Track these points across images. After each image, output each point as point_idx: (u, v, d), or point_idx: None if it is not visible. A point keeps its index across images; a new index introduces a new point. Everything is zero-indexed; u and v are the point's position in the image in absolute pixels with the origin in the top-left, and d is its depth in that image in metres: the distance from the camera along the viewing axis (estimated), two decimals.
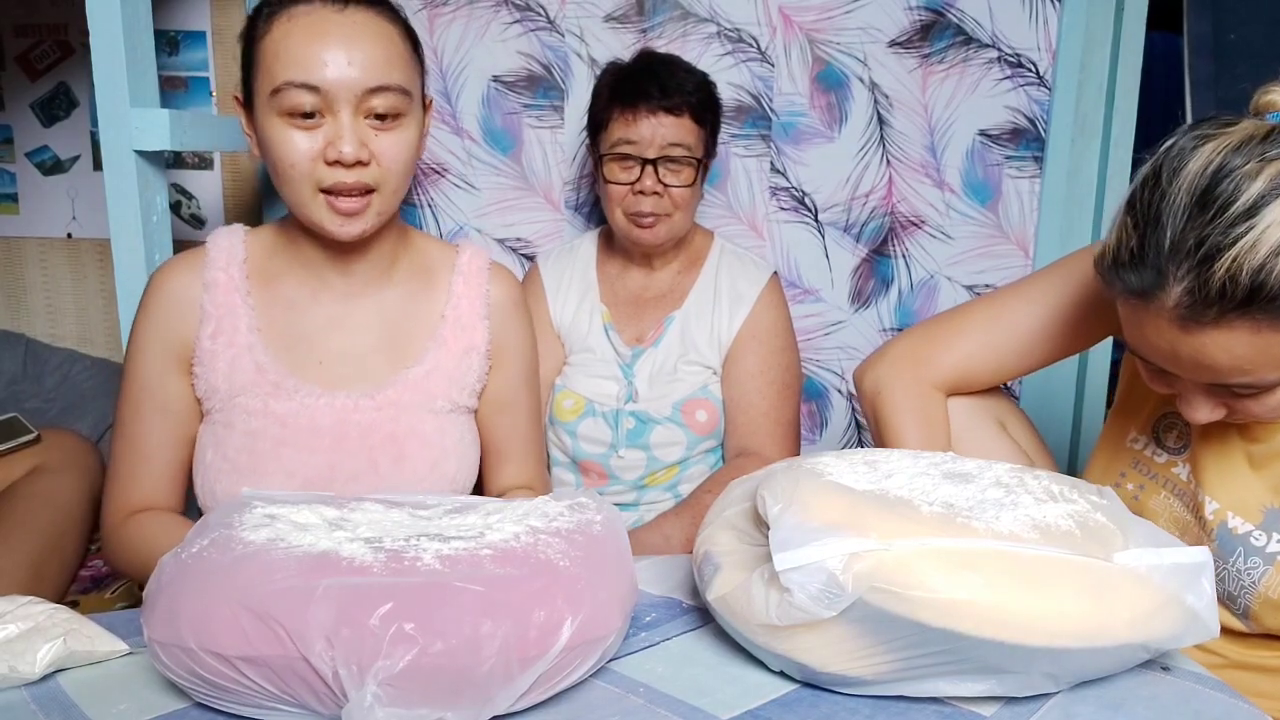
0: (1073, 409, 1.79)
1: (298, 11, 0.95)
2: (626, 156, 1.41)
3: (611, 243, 1.55)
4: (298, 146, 0.94)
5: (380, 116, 0.96)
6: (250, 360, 1.02)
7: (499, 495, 1.16)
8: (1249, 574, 0.90)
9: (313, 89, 0.93)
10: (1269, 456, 0.91)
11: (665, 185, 1.41)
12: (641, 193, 1.41)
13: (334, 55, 0.93)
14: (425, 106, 1.05)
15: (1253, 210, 0.74)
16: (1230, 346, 0.78)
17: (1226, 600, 0.92)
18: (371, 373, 1.06)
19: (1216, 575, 0.88)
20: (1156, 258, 0.78)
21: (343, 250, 1.04)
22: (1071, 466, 1.72)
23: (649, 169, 1.40)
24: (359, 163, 0.95)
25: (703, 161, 1.45)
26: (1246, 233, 0.74)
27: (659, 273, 1.53)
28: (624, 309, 1.53)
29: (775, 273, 1.53)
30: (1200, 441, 0.95)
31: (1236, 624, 0.93)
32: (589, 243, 1.59)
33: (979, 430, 1.10)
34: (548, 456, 1.54)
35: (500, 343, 1.13)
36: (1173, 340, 0.81)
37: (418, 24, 1.64)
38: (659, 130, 1.39)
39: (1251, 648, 0.95)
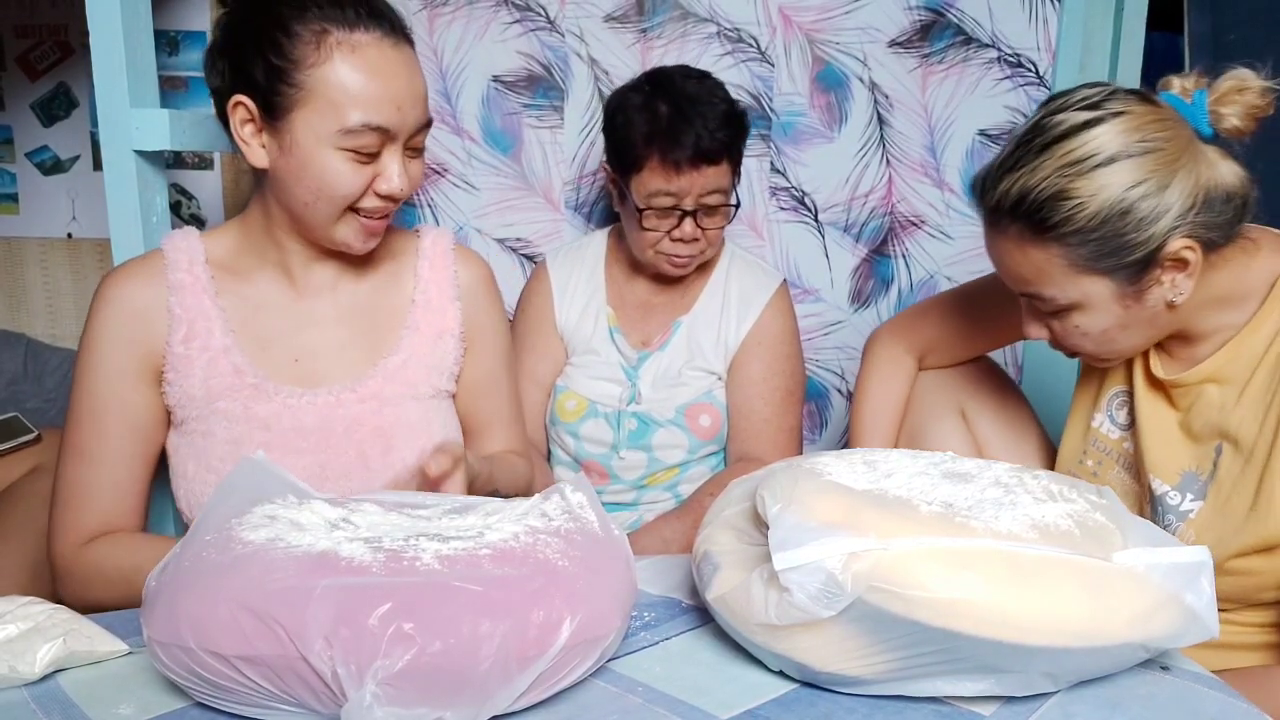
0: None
1: (357, 42, 0.93)
2: (667, 209, 1.38)
3: (621, 244, 1.54)
4: (352, 181, 0.95)
5: (416, 147, 1.00)
6: (227, 363, 1.00)
7: None
8: (1167, 531, 0.97)
9: (385, 131, 0.94)
10: (1190, 428, 0.99)
11: (702, 229, 1.39)
12: (681, 240, 1.39)
13: (404, 98, 0.95)
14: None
15: (1052, 143, 0.89)
16: (1011, 253, 0.94)
17: None
18: (349, 366, 1.05)
19: None
20: (985, 179, 0.95)
21: (324, 251, 1.04)
22: None
23: (688, 218, 1.38)
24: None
25: (735, 194, 1.43)
26: (1036, 157, 0.89)
27: (669, 279, 1.52)
28: (631, 312, 1.53)
29: (784, 280, 1.53)
30: (1141, 416, 1.03)
31: None
32: (598, 243, 1.58)
33: (938, 423, 1.23)
34: (549, 454, 1.54)
35: (473, 324, 1.12)
36: (988, 245, 0.98)
37: (418, 24, 1.65)
38: (698, 181, 1.36)
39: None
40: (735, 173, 1.42)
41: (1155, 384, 1.02)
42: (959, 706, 0.69)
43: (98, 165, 1.55)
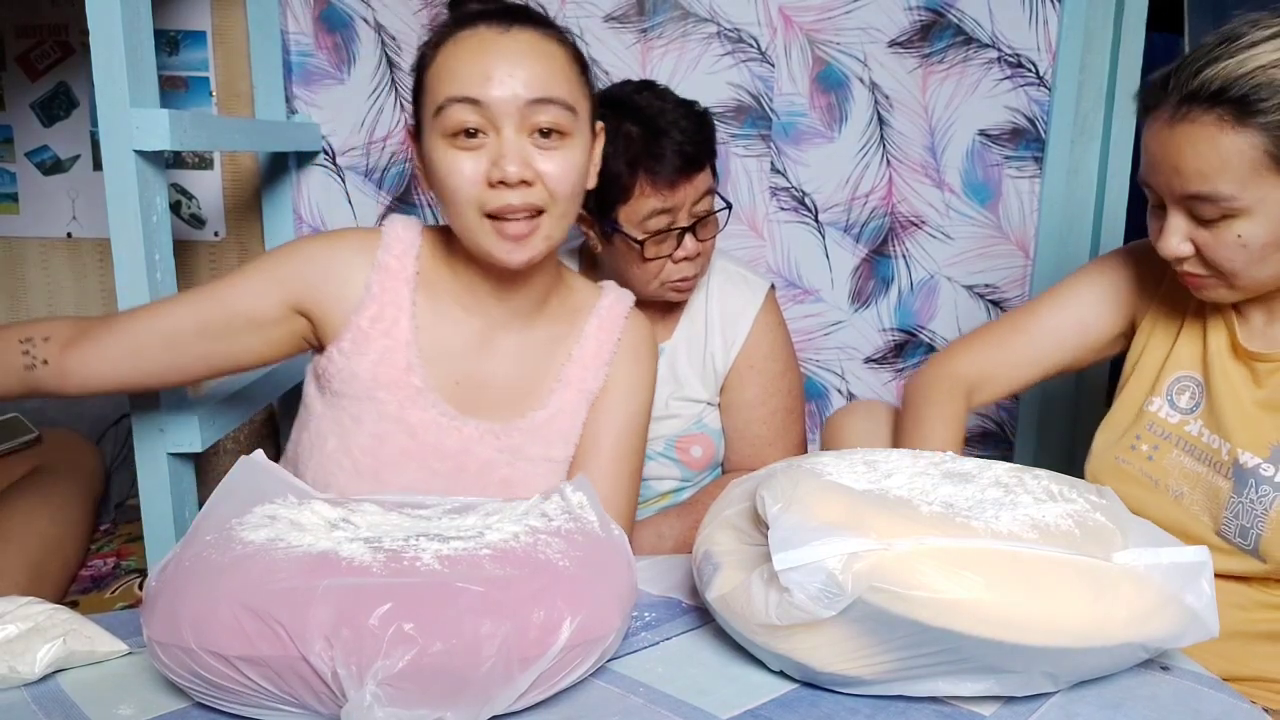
0: (1072, 409, 1.79)
1: (463, 35, 0.94)
2: (666, 229, 1.29)
3: (593, 272, 1.42)
4: (461, 170, 0.92)
5: (544, 133, 0.93)
6: (403, 358, 0.99)
7: None
8: (1260, 502, 0.98)
9: (474, 102, 0.91)
10: (1275, 403, 1.00)
11: (701, 241, 1.32)
12: (686, 259, 1.31)
13: (497, 71, 0.91)
14: (595, 133, 1.02)
15: (1255, 43, 0.89)
16: (1198, 143, 0.91)
17: (1239, 537, 0.99)
18: (501, 407, 1.03)
19: (1230, 511, 1.00)
20: (1173, 74, 0.94)
21: (502, 280, 1.01)
22: (1071, 464, 1.72)
23: (687, 235, 1.30)
24: (523, 183, 0.92)
25: (722, 196, 1.37)
26: (1240, 53, 0.90)
27: (646, 304, 1.41)
28: None
29: (771, 286, 1.46)
30: (1216, 394, 1.04)
31: (1253, 566, 0.99)
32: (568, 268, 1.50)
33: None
34: None
35: (612, 383, 1.08)
36: (1162, 143, 0.95)
37: (417, 24, 1.65)
38: (689, 192, 1.28)
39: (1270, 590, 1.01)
40: (714, 174, 1.36)
41: (1237, 359, 1.04)
42: (959, 706, 0.69)
43: (98, 165, 1.55)
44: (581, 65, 1.00)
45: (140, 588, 1.33)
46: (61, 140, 1.79)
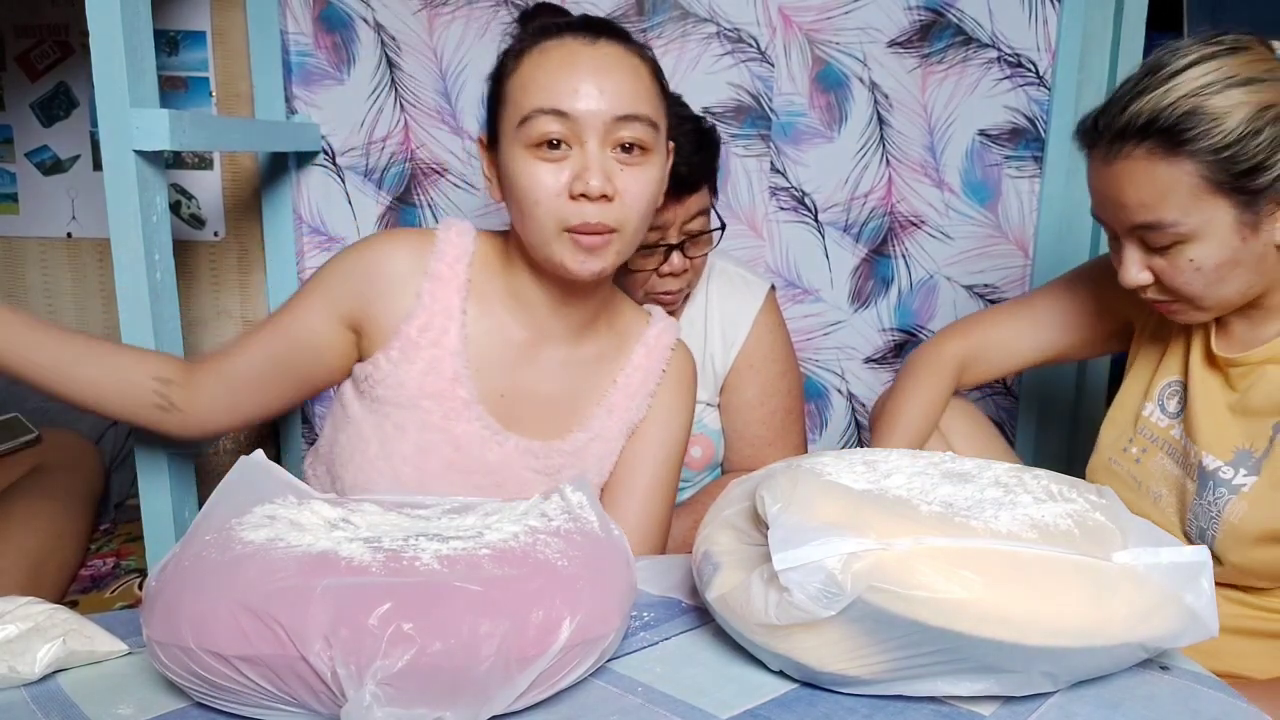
0: (1072, 409, 1.79)
1: (549, 45, 0.94)
2: (654, 245, 1.28)
3: None
4: (543, 181, 0.91)
5: (627, 149, 0.93)
6: (450, 368, 0.98)
7: None
8: (1216, 504, 1.01)
9: (561, 115, 0.90)
10: (1245, 407, 1.02)
11: (690, 258, 1.31)
12: (671, 274, 1.30)
13: (585, 84, 0.91)
14: (668, 151, 1.01)
15: (1176, 72, 0.92)
16: (1135, 176, 0.94)
17: (1199, 539, 1.02)
18: (544, 425, 1.03)
19: (1192, 512, 1.03)
20: (1101, 112, 0.97)
21: (560, 294, 1.00)
22: (1071, 464, 1.72)
23: (675, 251, 1.28)
24: (604, 197, 0.91)
25: (717, 214, 1.35)
26: (1163, 84, 0.92)
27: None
28: None
29: (772, 287, 1.46)
30: (1193, 399, 1.05)
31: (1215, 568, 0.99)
32: None
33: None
34: None
35: (652, 414, 1.08)
36: (1103, 180, 0.98)
37: (417, 24, 1.65)
38: (680, 213, 1.27)
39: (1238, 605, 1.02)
40: (713, 192, 1.35)
41: (1212, 365, 1.05)
42: (959, 706, 0.69)
43: (98, 165, 1.55)
44: (662, 82, 0.99)
45: (140, 587, 1.33)
46: (61, 140, 1.79)
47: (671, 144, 1.03)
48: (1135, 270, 0.99)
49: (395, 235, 1.03)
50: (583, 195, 0.91)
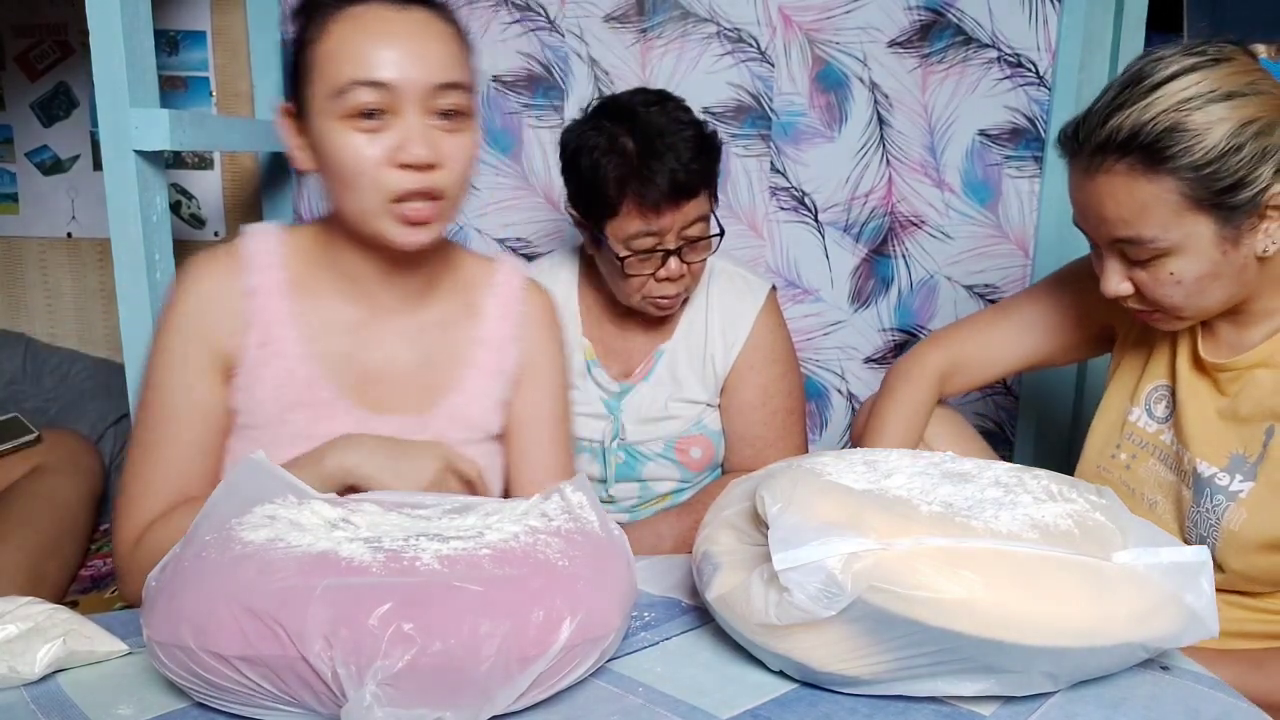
0: (1072, 409, 1.79)
1: (355, 12, 0.91)
2: (651, 250, 1.27)
3: (593, 266, 1.41)
4: (363, 152, 0.89)
5: (447, 115, 0.92)
6: (303, 374, 0.96)
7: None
8: (1215, 511, 1.00)
9: (380, 86, 0.88)
10: (1236, 412, 1.01)
11: (688, 264, 1.30)
12: (668, 279, 1.29)
13: (401, 52, 0.89)
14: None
15: (1157, 84, 0.90)
16: (1116, 192, 0.93)
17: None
18: (414, 396, 1.01)
19: (1190, 520, 1.01)
20: (1082, 123, 0.96)
21: (391, 263, 0.98)
22: (1070, 464, 1.72)
23: (672, 256, 1.28)
24: (429, 166, 0.90)
25: (716, 219, 1.34)
26: (1144, 97, 0.91)
27: None
28: (610, 341, 1.43)
29: (773, 287, 1.45)
30: (1181, 404, 1.05)
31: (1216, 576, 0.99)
32: (568, 269, 1.46)
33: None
34: None
35: (527, 361, 1.07)
36: (1084, 192, 0.98)
37: None
38: (678, 218, 1.26)
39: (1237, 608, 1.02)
40: (713, 197, 1.32)
41: (1200, 371, 1.04)
42: (959, 706, 0.69)
43: (98, 165, 1.56)
44: (468, 45, 0.98)
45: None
46: (61, 140, 1.79)
47: (479, 111, 1.01)
48: (1116, 281, 0.99)
49: (199, 270, 0.98)
50: (409, 165, 0.90)
